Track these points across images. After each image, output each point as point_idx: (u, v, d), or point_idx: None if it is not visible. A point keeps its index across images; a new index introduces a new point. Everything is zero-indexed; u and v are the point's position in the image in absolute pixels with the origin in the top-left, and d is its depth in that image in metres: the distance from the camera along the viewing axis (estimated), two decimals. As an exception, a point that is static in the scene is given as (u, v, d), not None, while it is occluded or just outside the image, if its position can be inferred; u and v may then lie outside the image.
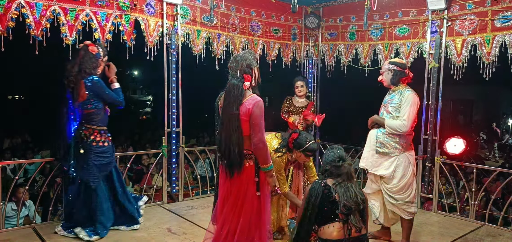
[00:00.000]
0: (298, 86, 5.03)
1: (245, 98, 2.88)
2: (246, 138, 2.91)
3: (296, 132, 3.76)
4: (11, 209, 5.23)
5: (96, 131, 4.01)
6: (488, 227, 4.69)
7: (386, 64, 4.00)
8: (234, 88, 2.87)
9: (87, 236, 3.91)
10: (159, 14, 4.98)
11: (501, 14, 4.57)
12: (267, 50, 6.15)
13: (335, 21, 6.39)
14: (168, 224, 4.50)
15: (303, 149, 3.67)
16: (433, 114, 5.16)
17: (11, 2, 3.94)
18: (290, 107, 5.08)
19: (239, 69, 2.90)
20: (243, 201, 2.93)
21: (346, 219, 2.72)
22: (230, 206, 2.97)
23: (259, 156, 2.90)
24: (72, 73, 3.78)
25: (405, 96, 3.80)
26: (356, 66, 6.13)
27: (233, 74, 2.94)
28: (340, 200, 2.74)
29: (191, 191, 5.85)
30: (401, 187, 3.82)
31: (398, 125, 3.76)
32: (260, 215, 2.96)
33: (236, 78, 2.90)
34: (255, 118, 2.84)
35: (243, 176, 2.92)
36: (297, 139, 3.68)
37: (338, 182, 2.82)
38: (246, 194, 2.93)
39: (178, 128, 5.23)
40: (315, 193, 2.78)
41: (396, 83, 3.91)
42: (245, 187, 2.93)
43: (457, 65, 4.99)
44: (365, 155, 4.01)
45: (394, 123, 3.79)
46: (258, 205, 2.96)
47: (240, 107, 2.85)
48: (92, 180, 3.95)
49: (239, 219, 2.93)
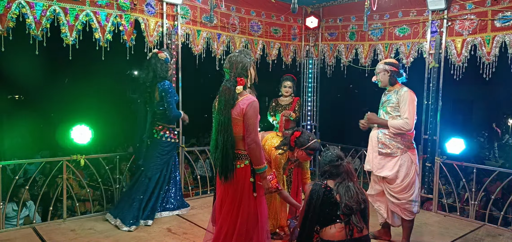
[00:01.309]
0: (286, 86, 4.97)
1: (239, 98, 2.87)
2: (240, 139, 2.90)
3: (298, 131, 3.76)
4: (12, 210, 5.23)
5: (165, 128, 4.58)
6: (488, 227, 4.70)
7: (381, 65, 4.01)
8: (226, 92, 2.86)
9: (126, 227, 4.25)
10: (159, 14, 4.98)
11: (501, 14, 4.58)
12: (267, 50, 6.15)
13: (335, 21, 6.39)
14: (168, 224, 4.50)
15: (305, 148, 3.67)
16: (433, 114, 5.16)
17: (11, 2, 3.94)
18: (277, 107, 5.03)
19: (233, 71, 2.88)
20: (239, 202, 2.92)
21: (348, 219, 2.71)
22: (227, 207, 2.96)
23: (252, 156, 2.89)
24: (148, 79, 4.33)
25: (402, 95, 3.82)
26: (356, 66, 6.13)
27: (227, 76, 2.93)
28: (341, 201, 2.72)
29: (191, 191, 5.85)
30: (404, 187, 3.82)
31: (401, 123, 3.78)
32: (257, 215, 2.96)
33: (229, 81, 2.88)
34: (249, 118, 2.83)
35: (239, 177, 2.91)
36: (299, 137, 3.68)
37: (339, 182, 2.80)
38: (243, 195, 2.92)
39: (178, 128, 5.23)
40: (315, 194, 2.76)
41: (393, 83, 3.93)
42: (241, 188, 2.92)
43: (457, 65, 4.99)
44: (369, 158, 4.02)
45: (397, 122, 3.80)
46: (255, 206, 2.95)
47: (233, 108, 2.84)
48: (152, 170, 4.47)
49: (237, 220, 2.92)
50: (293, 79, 5.03)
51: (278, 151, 3.74)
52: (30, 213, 5.60)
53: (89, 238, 4.07)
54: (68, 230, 4.27)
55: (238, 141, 2.90)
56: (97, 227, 4.38)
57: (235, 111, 2.85)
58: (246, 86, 2.93)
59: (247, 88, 2.95)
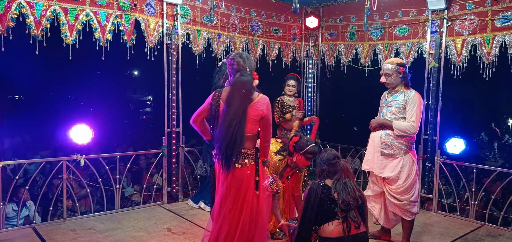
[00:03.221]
0: (289, 85, 4.81)
1: (255, 98, 2.88)
2: (248, 138, 2.91)
3: (296, 136, 3.77)
4: (12, 210, 5.23)
5: None
6: (488, 227, 4.69)
7: (390, 65, 3.86)
8: (245, 84, 2.84)
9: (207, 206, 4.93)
10: (159, 14, 4.98)
11: (501, 14, 4.58)
12: (267, 50, 6.15)
13: (335, 21, 6.39)
14: (168, 224, 4.50)
15: (303, 152, 3.68)
16: (433, 114, 5.16)
17: (11, 2, 3.94)
18: (284, 107, 4.94)
19: (248, 66, 2.93)
20: (243, 201, 2.93)
21: (345, 215, 2.74)
22: (229, 206, 2.95)
23: (265, 150, 3.03)
24: (219, 83, 4.54)
25: (411, 97, 3.77)
26: (356, 66, 6.14)
27: (239, 71, 2.91)
28: (338, 197, 2.76)
29: (191, 191, 5.84)
30: (406, 188, 3.79)
31: (407, 126, 3.73)
32: (258, 215, 2.96)
33: (246, 74, 2.88)
34: (267, 119, 2.93)
35: (243, 175, 2.92)
36: (297, 142, 3.70)
37: (336, 179, 2.84)
38: (246, 194, 2.93)
39: (178, 128, 5.23)
40: (314, 193, 2.80)
41: (407, 83, 3.86)
42: (246, 186, 2.92)
43: (457, 65, 4.99)
44: (369, 158, 3.96)
45: (403, 125, 3.75)
46: (257, 205, 2.96)
47: (250, 105, 2.85)
48: None
49: (240, 219, 2.92)
50: (297, 79, 4.89)
51: (278, 157, 3.78)
52: (30, 213, 5.60)
53: (89, 238, 4.07)
54: (68, 230, 4.27)
55: (246, 140, 2.91)
56: (97, 227, 4.39)
57: (253, 110, 2.85)
58: None
59: None
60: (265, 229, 3.02)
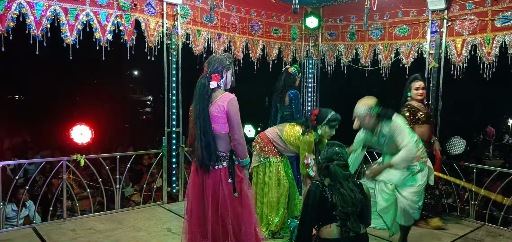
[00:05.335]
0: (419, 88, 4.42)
1: (217, 96, 2.92)
2: (219, 138, 2.92)
3: (316, 109, 3.96)
4: (11, 210, 5.23)
5: None
6: (488, 227, 4.70)
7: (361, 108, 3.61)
8: (201, 87, 2.93)
9: None
10: (160, 14, 4.98)
11: (501, 14, 4.58)
12: (267, 50, 6.15)
13: (335, 21, 6.39)
14: (168, 224, 4.50)
15: (326, 121, 3.82)
16: (433, 114, 5.16)
17: (11, 2, 3.94)
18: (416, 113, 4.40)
19: (210, 68, 2.98)
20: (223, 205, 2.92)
21: (344, 222, 2.69)
22: (214, 218, 2.95)
23: (240, 151, 2.97)
24: (280, 86, 4.86)
25: (392, 128, 3.48)
26: (356, 66, 6.14)
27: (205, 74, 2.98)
28: (336, 205, 2.71)
29: (191, 191, 5.84)
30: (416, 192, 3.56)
31: (405, 154, 3.41)
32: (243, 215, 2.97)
33: (204, 77, 2.96)
34: (232, 116, 2.90)
35: (216, 178, 2.93)
36: (318, 114, 3.87)
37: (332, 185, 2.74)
38: (224, 197, 2.93)
39: (178, 128, 5.23)
40: (312, 194, 2.76)
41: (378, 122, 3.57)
42: (218, 189, 2.93)
43: (457, 65, 4.99)
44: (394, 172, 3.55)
45: (402, 155, 3.42)
46: (240, 206, 2.97)
47: (211, 105, 2.90)
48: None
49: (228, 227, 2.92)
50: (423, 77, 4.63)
51: (307, 137, 3.88)
52: (30, 213, 5.60)
53: (89, 238, 4.07)
54: (68, 230, 4.27)
55: (217, 142, 2.92)
56: (97, 227, 4.39)
57: (214, 108, 2.90)
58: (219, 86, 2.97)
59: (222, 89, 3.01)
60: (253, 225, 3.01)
